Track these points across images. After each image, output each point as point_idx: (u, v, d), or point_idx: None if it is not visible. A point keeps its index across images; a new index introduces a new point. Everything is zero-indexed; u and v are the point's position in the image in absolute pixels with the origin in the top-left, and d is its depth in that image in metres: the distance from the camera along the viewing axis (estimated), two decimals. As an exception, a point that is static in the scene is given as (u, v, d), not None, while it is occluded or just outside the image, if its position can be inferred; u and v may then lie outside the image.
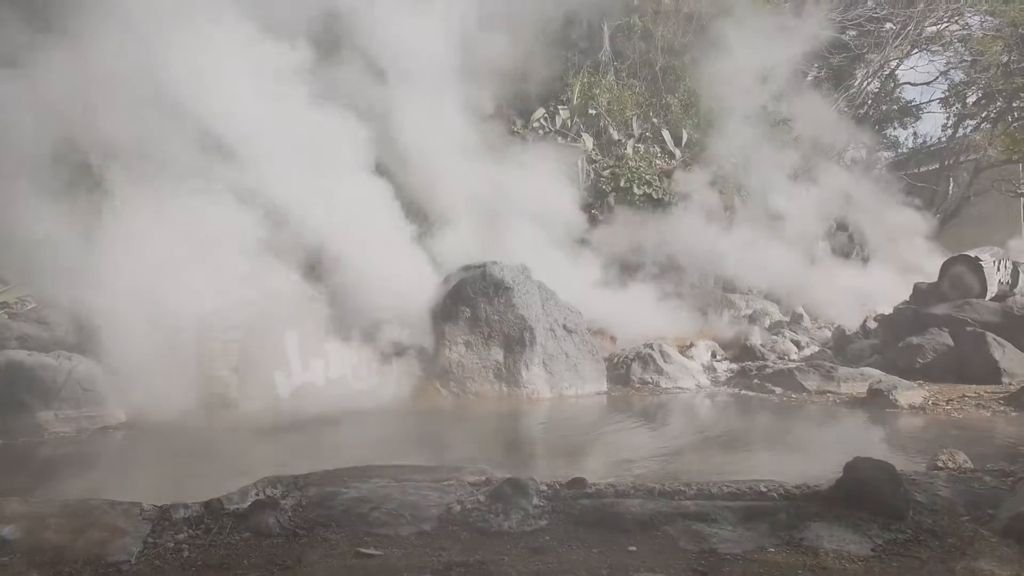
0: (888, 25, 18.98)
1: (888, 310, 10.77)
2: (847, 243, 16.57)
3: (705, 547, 3.04)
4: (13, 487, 4.38)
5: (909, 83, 22.26)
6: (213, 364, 7.14)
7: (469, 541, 3.12)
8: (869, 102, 21.21)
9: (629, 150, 13.39)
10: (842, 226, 16.99)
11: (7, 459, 5.50)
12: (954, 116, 21.42)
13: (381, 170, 9.68)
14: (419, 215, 10.33)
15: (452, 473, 3.96)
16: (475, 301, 8.11)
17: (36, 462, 5.50)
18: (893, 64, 20.44)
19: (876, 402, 7.33)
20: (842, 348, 10.40)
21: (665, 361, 8.86)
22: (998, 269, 9.92)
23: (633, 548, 3.04)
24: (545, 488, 3.66)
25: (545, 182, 11.10)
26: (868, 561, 2.92)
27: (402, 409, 7.58)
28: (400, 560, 2.86)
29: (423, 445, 6.42)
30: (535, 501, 3.47)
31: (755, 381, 8.57)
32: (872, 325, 11.01)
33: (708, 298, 12.14)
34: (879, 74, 20.51)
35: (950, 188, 20.74)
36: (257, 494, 3.49)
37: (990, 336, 8.46)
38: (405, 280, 8.59)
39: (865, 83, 20.23)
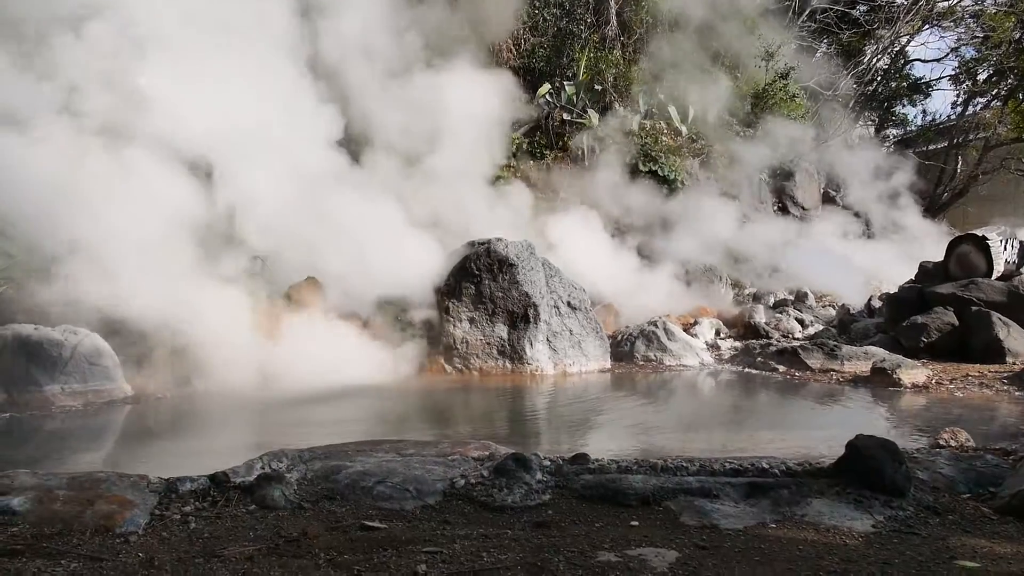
0: (899, 0, 18.74)
1: (893, 289, 10.76)
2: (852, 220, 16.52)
3: (707, 522, 3.07)
4: (22, 459, 4.43)
5: (919, 59, 22.05)
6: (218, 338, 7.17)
7: (473, 515, 3.15)
8: (878, 79, 21.01)
9: (635, 126, 13.30)
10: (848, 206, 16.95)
11: (16, 432, 5.55)
12: (964, 94, 21.21)
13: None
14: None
15: (456, 448, 3.99)
16: (479, 277, 8.11)
17: (44, 435, 5.55)
18: (903, 40, 20.21)
19: (879, 381, 7.34)
20: (846, 327, 10.39)
21: (669, 339, 8.87)
22: (1005, 248, 9.88)
23: (635, 523, 3.07)
24: (548, 463, 3.69)
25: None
26: (869, 537, 2.94)
27: (406, 385, 7.62)
28: (404, 533, 2.89)
29: (427, 420, 6.46)
30: (538, 476, 3.50)
31: (758, 359, 8.57)
32: (877, 304, 11.00)
33: (712, 275, 12.12)
34: (889, 50, 20.30)
35: (958, 166, 20.59)
36: (263, 467, 3.52)
37: (995, 315, 8.45)
38: (408, 256, 8.60)
39: (875, 59, 20.02)
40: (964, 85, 21.18)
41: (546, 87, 13.26)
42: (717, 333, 10.32)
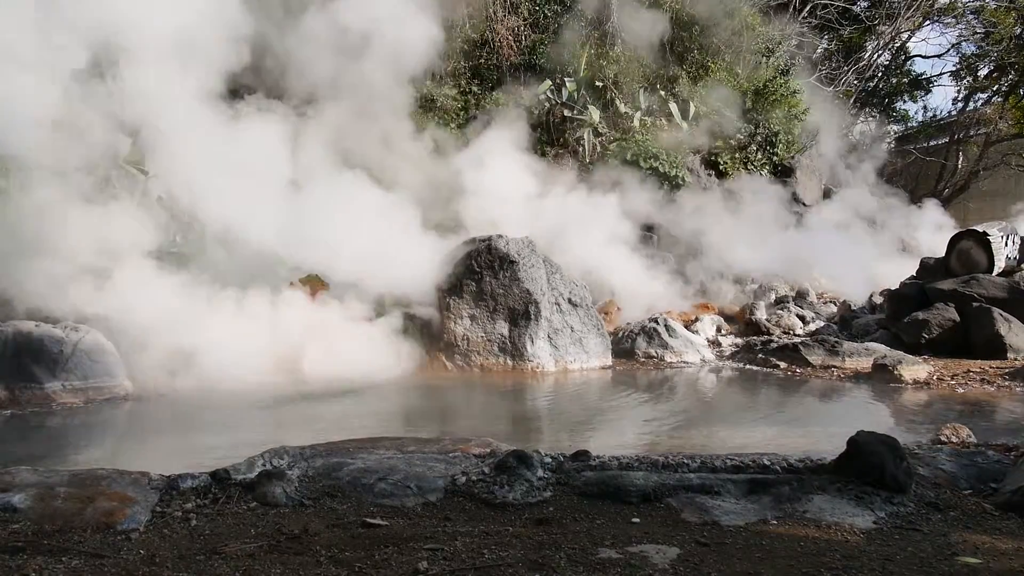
0: (900, -5, 18.72)
1: (895, 285, 10.74)
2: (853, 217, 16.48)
3: (708, 519, 3.07)
4: (23, 456, 4.43)
5: (920, 56, 22.02)
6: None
7: (474, 512, 3.15)
8: (879, 75, 21.00)
9: (636, 123, 13.27)
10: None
11: (17, 429, 5.55)
12: (965, 89, 21.20)
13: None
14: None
15: (457, 445, 3.99)
16: (480, 275, 8.11)
17: (45, 432, 5.55)
18: (904, 36, 20.20)
19: (880, 377, 7.34)
20: (848, 323, 10.39)
21: (670, 335, 8.87)
22: (1006, 244, 9.87)
23: (636, 520, 3.06)
24: (549, 460, 3.68)
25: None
26: (870, 533, 2.94)
27: (407, 382, 7.63)
28: (406, 530, 2.89)
29: (428, 418, 6.46)
30: (539, 473, 3.50)
31: (760, 356, 8.58)
32: (878, 300, 10.99)
33: (713, 272, 12.10)
34: (890, 46, 20.28)
35: (959, 162, 20.58)
36: (264, 464, 3.52)
37: (996, 311, 8.45)
38: (410, 253, 8.58)
39: (875, 55, 20.00)
40: (965, 81, 21.17)
41: (547, 83, 13.23)
42: (718, 330, 10.31)
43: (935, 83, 21.94)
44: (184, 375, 6.81)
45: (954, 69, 21.40)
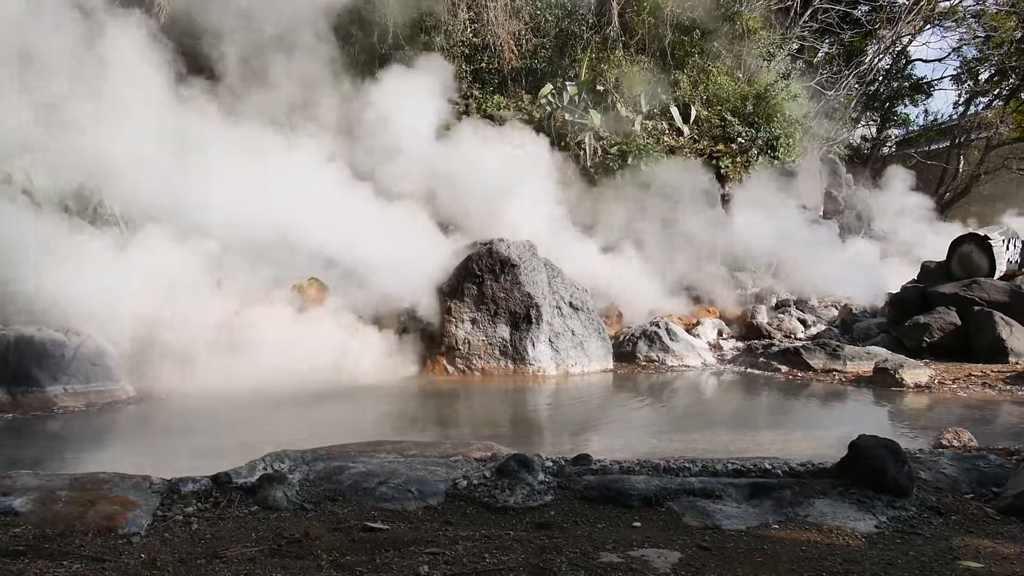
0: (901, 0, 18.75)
1: (896, 289, 10.75)
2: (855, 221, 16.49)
3: (709, 523, 3.06)
4: (24, 460, 4.43)
5: (921, 59, 22.04)
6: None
7: (475, 516, 3.15)
8: (880, 79, 21.02)
9: (637, 127, 13.28)
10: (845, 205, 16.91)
11: (18, 432, 5.55)
12: (966, 93, 21.22)
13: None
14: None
15: (459, 449, 3.99)
16: (482, 278, 8.11)
17: (46, 436, 5.55)
18: (905, 40, 20.22)
19: (882, 381, 7.34)
20: (849, 327, 10.40)
21: (671, 339, 8.87)
22: (1007, 248, 9.87)
23: (638, 524, 3.06)
24: (551, 464, 3.68)
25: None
26: (871, 537, 2.93)
27: (408, 386, 7.62)
28: (407, 534, 2.89)
29: (429, 421, 6.46)
30: (540, 477, 3.50)
31: (761, 359, 8.57)
32: (879, 304, 10.99)
33: (714, 276, 12.08)
34: (891, 50, 20.30)
35: (960, 166, 20.60)
36: (265, 468, 3.52)
37: (998, 315, 8.45)
38: (411, 256, 8.59)
39: (876, 59, 20.02)
40: (966, 85, 21.21)
41: (548, 87, 13.24)
42: (719, 333, 10.31)
43: (936, 87, 22.00)
44: (184, 378, 6.82)
45: (955, 73, 21.44)
